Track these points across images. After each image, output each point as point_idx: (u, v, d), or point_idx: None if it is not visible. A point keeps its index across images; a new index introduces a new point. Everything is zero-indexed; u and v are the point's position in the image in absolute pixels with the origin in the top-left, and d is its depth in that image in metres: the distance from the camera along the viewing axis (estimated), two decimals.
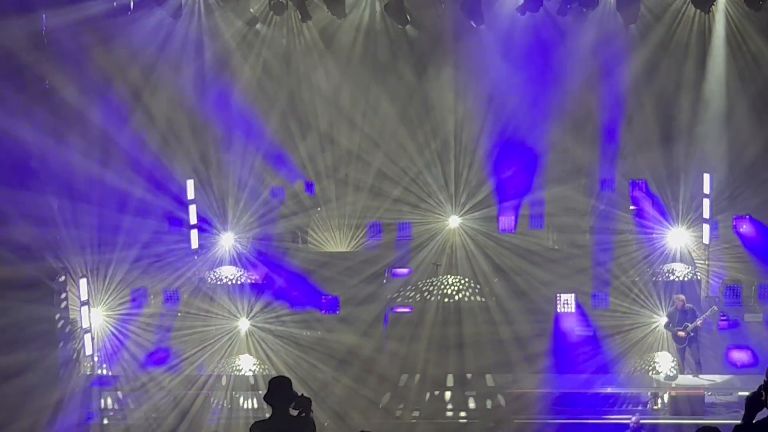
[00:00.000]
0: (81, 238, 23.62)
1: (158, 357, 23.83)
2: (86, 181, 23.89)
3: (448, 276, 25.79)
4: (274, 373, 22.85)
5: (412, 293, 25.30)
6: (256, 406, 22.34)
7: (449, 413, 22.33)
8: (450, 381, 23.13)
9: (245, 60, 26.75)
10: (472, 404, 22.45)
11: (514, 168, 26.98)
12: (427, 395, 22.76)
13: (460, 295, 24.97)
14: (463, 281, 25.48)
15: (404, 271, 26.60)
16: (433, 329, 24.14)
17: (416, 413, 22.15)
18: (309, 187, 27.99)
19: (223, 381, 22.76)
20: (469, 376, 23.18)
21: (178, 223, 26.55)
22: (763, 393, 7.43)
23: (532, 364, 23.38)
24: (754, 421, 7.50)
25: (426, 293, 25.11)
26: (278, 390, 10.26)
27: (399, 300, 25.20)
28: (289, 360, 23.61)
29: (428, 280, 25.64)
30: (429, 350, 23.68)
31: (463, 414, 22.23)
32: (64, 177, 23.00)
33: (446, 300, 24.86)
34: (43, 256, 22.01)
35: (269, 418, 10.33)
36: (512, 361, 23.41)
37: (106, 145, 24.71)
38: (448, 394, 22.84)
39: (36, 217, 21.80)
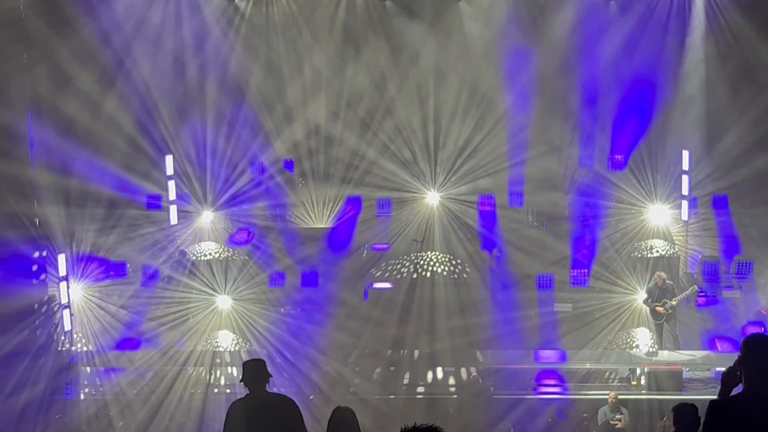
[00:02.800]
0: (61, 211, 23.60)
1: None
2: (66, 157, 23.84)
3: (428, 252, 25.80)
4: (255, 349, 22.96)
5: (392, 268, 25.32)
6: (234, 380, 22.37)
7: (425, 388, 22.43)
8: (429, 356, 23.20)
9: (224, 34, 26.64)
10: (450, 379, 22.53)
11: None
12: (408, 370, 22.90)
13: (440, 270, 25.01)
14: (442, 257, 25.49)
15: (383, 246, 26.59)
16: (412, 305, 24.15)
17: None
18: (289, 164, 27.95)
19: (212, 357, 22.79)
20: (447, 351, 23.25)
21: (156, 200, 26.49)
22: (739, 368, 7.46)
23: (510, 340, 23.47)
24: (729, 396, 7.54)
25: (406, 269, 25.13)
26: (253, 371, 10.47)
27: (378, 275, 25.21)
28: (270, 336, 23.60)
29: (408, 256, 25.67)
30: (409, 326, 23.70)
31: (442, 389, 22.34)
32: (43, 152, 22.93)
33: (426, 275, 24.91)
34: (21, 229, 21.93)
35: (248, 396, 10.43)
36: (491, 336, 23.48)
37: (85, 121, 24.67)
38: (426, 369, 22.95)
39: (15, 189, 21.73)
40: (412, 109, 27.29)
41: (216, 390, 22.26)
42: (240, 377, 10.58)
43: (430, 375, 22.78)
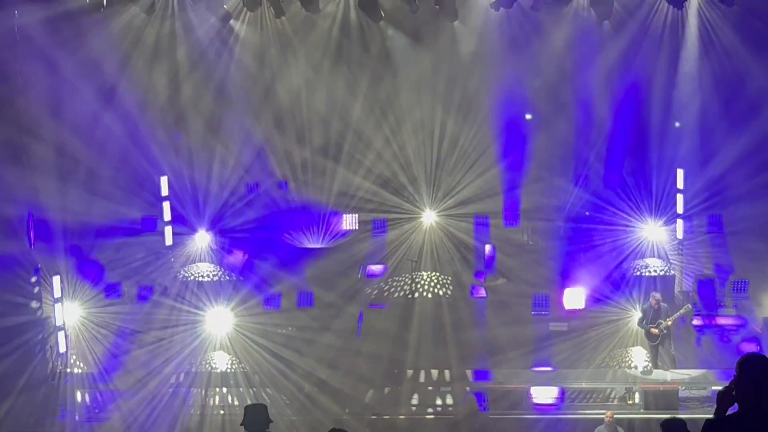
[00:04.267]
0: (55, 233, 23.57)
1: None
2: (60, 178, 23.82)
3: (424, 272, 25.80)
4: (248, 371, 22.95)
5: (388, 290, 25.32)
6: (230, 402, 22.35)
7: (422, 408, 22.41)
8: (425, 376, 23.19)
9: (219, 56, 26.64)
10: (448, 400, 22.53)
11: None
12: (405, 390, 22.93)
13: (437, 291, 25.02)
14: (439, 277, 25.50)
15: (379, 269, 26.49)
16: (409, 325, 24.17)
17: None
18: (284, 186, 27.92)
19: (197, 377, 22.80)
20: (444, 371, 23.27)
21: (151, 222, 26.45)
22: (735, 388, 7.45)
23: (506, 359, 23.48)
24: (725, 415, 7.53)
25: (407, 287, 25.18)
26: (254, 416, 11.00)
27: (374, 297, 25.23)
28: (265, 356, 23.58)
29: (404, 276, 25.68)
30: (405, 346, 23.71)
31: (437, 409, 22.32)
32: (37, 173, 22.93)
33: (428, 296, 24.94)
34: (15, 252, 21.91)
35: None
36: (487, 356, 23.50)
37: (80, 142, 24.68)
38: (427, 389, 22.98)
39: (8, 213, 21.72)
40: (407, 129, 27.26)
41: (214, 412, 22.24)
42: (241, 421, 10.80)
43: (427, 395, 22.81)
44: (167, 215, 26.52)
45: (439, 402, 22.61)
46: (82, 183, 24.77)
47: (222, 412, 22.05)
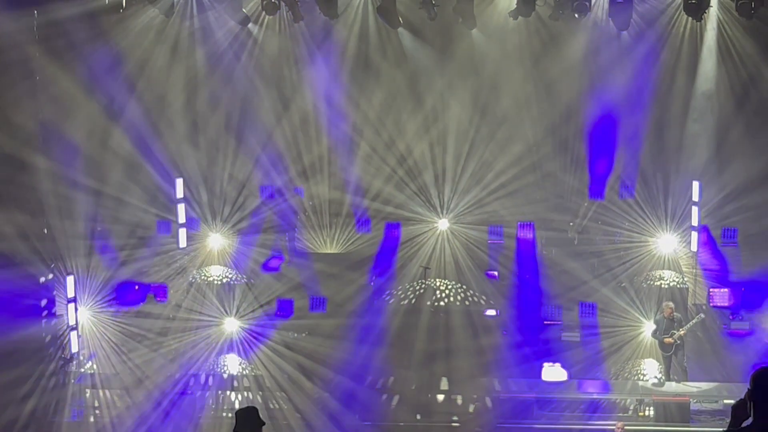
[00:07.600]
0: (69, 234, 23.63)
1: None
2: (76, 178, 23.90)
3: (437, 279, 25.80)
4: (259, 374, 22.98)
5: (398, 296, 25.39)
6: (240, 404, 22.37)
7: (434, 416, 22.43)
8: (437, 384, 23.20)
9: (237, 59, 26.67)
10: (457, 407, 22.51)
11: None
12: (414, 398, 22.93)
13: (450, 299, 25.01)
14: (452, 285, 25.49)
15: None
16: (421, 332, 24.18)
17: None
18: (299, 191, 27.94)
19: (209, 380, 22.82)
20: (455, 379, 23.26)
21: (165, 225, 26.51)
22: (749, 401, 7.44)
23: (519, 368, 23.47)
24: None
25: (412, 296, 25.20)
26: (245, 419, 10.92)
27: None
28: (276, 360, 23.61)
29: (416, 282, 25.69)
30: (417, 353, 23.72)
31: (448, 417, 22.35)
32: (53, 173, 23.01)
33: (435, 304, 24.95)
34: (29, 251, 21.97)
35: None
36: (498, 365, 23.49)
37: (97, 142, 24.77)
38: (437, 397, 22.96)
39: (24, 212, 21.79)
40: (424, 136, 27.26)
41: (225, 414, 22.27)
42: (233, 426, 10.92)
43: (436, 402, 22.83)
44: (182, 217, 26.55)
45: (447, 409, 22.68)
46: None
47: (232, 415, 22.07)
